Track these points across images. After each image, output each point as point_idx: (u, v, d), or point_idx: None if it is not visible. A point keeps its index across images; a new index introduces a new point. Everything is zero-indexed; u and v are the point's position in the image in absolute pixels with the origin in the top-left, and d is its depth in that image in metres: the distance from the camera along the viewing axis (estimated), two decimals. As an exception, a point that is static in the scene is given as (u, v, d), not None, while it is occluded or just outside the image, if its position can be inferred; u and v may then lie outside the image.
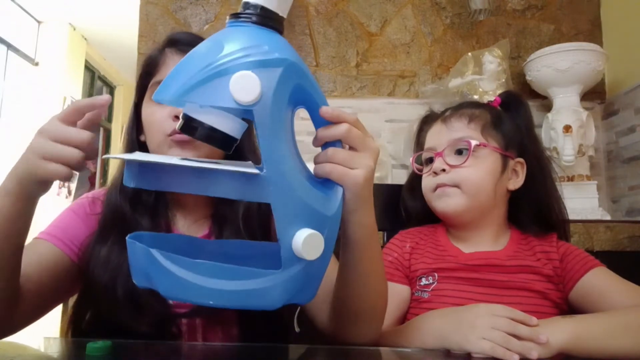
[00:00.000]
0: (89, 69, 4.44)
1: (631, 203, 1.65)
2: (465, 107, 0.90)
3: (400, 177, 1.71)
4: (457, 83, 1.65)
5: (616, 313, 0.68)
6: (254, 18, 0.47)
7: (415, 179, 0.96)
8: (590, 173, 1.60)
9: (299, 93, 0.48)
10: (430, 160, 0.88)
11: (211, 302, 0.44)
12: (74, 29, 3.99)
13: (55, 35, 3.84)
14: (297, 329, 0.78)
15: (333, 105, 0.51)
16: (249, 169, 0.45)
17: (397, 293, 0.82)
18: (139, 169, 0.48)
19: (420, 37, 1.86)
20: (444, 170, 0.83)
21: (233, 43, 0.45)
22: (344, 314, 0.64)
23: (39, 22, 3.83)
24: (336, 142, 0.52)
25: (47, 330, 0.74)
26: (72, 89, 3.99)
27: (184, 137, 0.69)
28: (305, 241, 0.45)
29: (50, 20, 3.84)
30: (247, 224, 0.74)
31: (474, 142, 0.82)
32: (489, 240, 0.84)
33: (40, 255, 0.69)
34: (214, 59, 0.45)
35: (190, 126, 0.47)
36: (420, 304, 0.81)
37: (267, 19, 0.47)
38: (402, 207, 0.98)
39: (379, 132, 1.79)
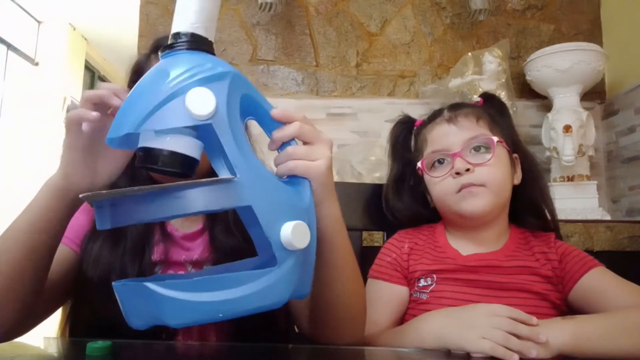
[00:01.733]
0: (89, 69, 4.44)
1: (631, 203, 1.65)
2: (463, 107, 0.89)
3: (400, 177, 1.71)
4: (457, 83, 1.65)
5: (616, 314, 0.68)
6: (187, 45, 0.49)
7: (399, 182, 0.95)
8: (590, 173, 1.60)
9: (247, 102, 0.51)
10: (439, 163, 0.85)
11: (221, 315, 0.44)
12: (74, 29, 3.99)
13: (55, 35, 3.85)
14: (297, 329, 0.78)
15: (332, 105, 0.52)
16: (222, 177, 0.46)
17: (396, 294, 0.82)
18: (110, 209, 0.45)
19: (420, 37, 1.86)
20: (467, 170, 0.80)
21: (177, 68, 0.47)
22: (321, 315, 0.65)
23: (39, 22, 3.84)
24: (291, 142, 0.54)
25: (47, 330, 0.74)
26: (72, 89, 3.99)
27: None
28: (294, 231, 0.47)
29: (50, 20, 3.84)
30: (237, 220, 0.74)
31: (495, 139, 0.82)
32: (490, 241, 0.84)
33: None
34: (162, 85, 0.46)
35: (149, 157, 0.47)
36: (419, 305, 0.80)
37: (200, 44, 0.49)
38: (389, 212, 0.95)
39: (379, 132, 1.79)
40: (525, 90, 1.77)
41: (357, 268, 0.65)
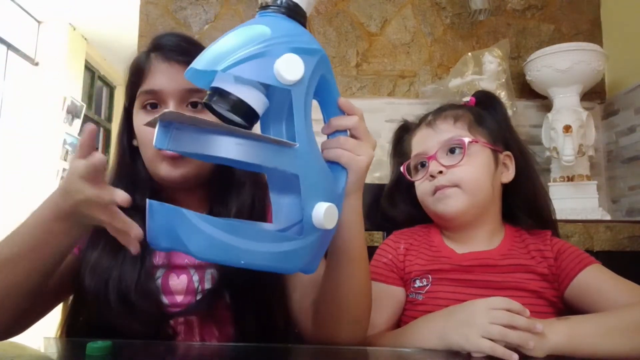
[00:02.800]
0: (89, 69, 4.44)
1: (631, 203, 1.65)
2: (447, 110, 0.90)
3: (400, 177, 1.71)
4: (457, 83, 1.65)
5: (611, 314, 0.68)
6: (286, 11, 0.52)
7: (394, 189, 0.97)
8: (590, 173, 1.60)
9: (321, 83, 0.54)
10: (421, 166, 0.88)
11: (242, 262, 0.46)
12: (74, 29, 3.99)
13: (55, 35, 3.84)
14: (297, 329, 0.79)
15: None
16: (283, 140, 0.49)
17: (393, 295, 0.82)
18: (174, 131, 0.47)
19: (420, 37, 1.86)
20: (440, 172, 0.82)
21: (278, 30, 0.50)
22: (328, 312, 0.65)
23: (39, 22, 3.83)
24: (342, 131, 0.58)
25: (47, 330, 0.74)
26: (72, 89, 3.99)
27: (175, 153, 0.70)
28: (326, 212, 0.50)
29: (50, 20, 3.83)
30: None
31: (466, 140, 0.82)
32: (484, 239, 0.84)
33: None
34: (260, 40, 0.48)
35: (219, 98, 0.49)
36: (415, 306, 0.80)
37: (297, 14, 0.52)
38: (384, 218, 0.97)
39: (379, 132, 1.78)
40: (525, 90, 1.76)
41: (368, 266, 0.65)
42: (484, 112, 0.91)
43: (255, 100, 0.50)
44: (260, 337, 0.71)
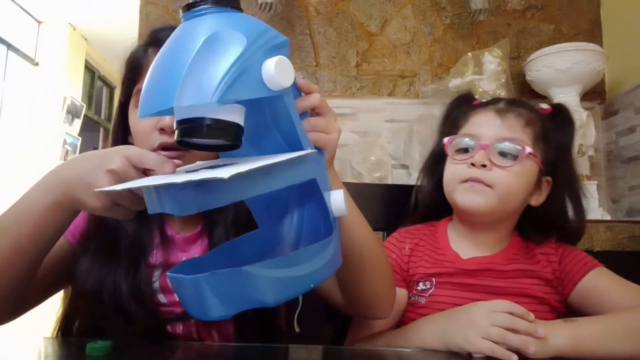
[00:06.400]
0: (89, 69, 4.44)
1: (631, 203, 1.65)
2: (521, 107, 0.84)
3: (400, 177, 1.71)
4: (457, 83, 1.65)
5: (615, 316, 0.68)
6: (227, 2, 0.44)
7: (433, 159, 0.90)
8: (590, 173, 1.59)
9: None
10: (465, 151, 0.81)
11: (312, 285, 0.44)
12: (74, 29, 3.99)
13: (55, 35, 3.85)
14: (297, 329, 0.78)
15: (332, 105, 0.56)
16: (304, 151, 0.46)
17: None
18: (180, 191, 0.40)
19: (420, 37, 1.86)
20: (484, 165, 0.77)
21: (247, 32, 0.42)
22: (349, 268, 0.64)
23: (39, 22, 3.84)
24: (304, 112, 0.55)
25: (46, 330, 0.74)
26: (72, 89, 4.00)
27: (172, 153, 0.68)
28: (344, 198, 0.49)
29: (50, 20, 3.84)
30: (235, 227, 0.73)
31: (528, 149, 0.77)
32: (489, 244, 0.82)
33: None
34: (238, 51, 0.41)
35: (205, 130, 0.42)
36: (417, 309, 0.80)
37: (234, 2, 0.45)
38: (416, 195, 0.92)
39: (379, 132, 1.79)
40: (525, 90, 1.76)
41: (362, 216, 0.65)
42: (553, 127, 0.84)
43: (241, 115, 0.44)
44: (260, 336, 0.71)
